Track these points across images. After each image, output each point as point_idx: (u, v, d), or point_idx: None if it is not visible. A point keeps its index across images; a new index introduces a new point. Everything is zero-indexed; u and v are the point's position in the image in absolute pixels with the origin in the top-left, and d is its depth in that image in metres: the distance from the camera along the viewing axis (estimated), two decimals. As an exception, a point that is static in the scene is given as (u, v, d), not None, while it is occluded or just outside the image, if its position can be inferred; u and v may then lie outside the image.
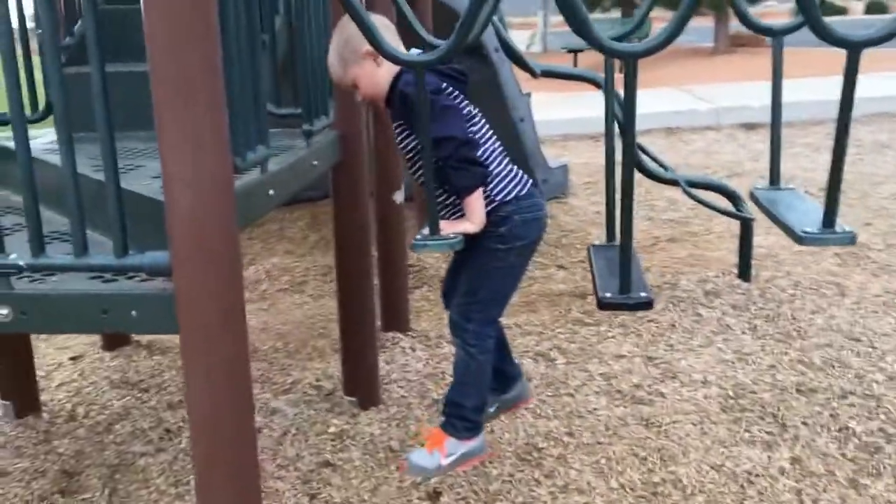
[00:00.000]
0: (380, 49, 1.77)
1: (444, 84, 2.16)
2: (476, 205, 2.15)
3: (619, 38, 2.40)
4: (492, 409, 2.61)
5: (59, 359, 3.61)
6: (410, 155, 2.30)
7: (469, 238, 2.25)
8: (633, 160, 1.82)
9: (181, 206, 1.47)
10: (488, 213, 2.20)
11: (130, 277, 1.70)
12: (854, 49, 1.56)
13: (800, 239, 1.89)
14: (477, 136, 2.23)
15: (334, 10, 2.46)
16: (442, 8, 4.55)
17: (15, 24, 2.46)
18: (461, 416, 2.40)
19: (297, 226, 5.57)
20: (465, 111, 2.22)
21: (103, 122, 1.51)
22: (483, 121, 2.30)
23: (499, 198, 2.22)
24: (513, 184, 2.26)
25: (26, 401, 3.04)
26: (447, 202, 2.26)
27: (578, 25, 1.62)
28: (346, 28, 2.18)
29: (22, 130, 1.53)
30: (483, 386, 2.40)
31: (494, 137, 2.30)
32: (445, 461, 2.39)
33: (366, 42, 2.06)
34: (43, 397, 3.18)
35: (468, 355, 2.36)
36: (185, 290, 1.51)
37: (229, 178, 1.52)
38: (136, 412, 3.07)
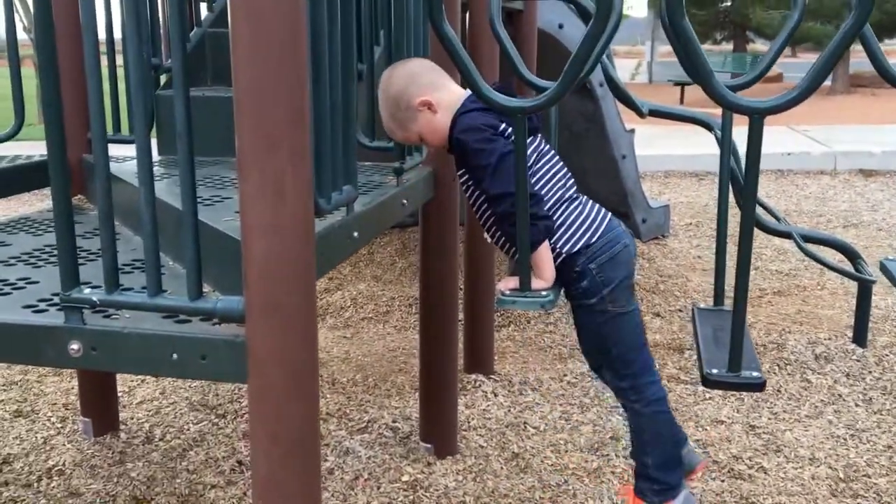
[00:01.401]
0: (478, 92, 1.65)
1: (504, 125, 1.95)
2: (544, 260, 1.97)
3: (743, 86, 2.21)
4: None
5: (142, 374, 3.62)
6: (476, 206, 2.15)
7: (565, 290, 2.10)
8: (752, 227, 1.63)
9: (257, 257, 1.37)
10: (561, 270, 2.04)
11: (204, 319, 1.62)
12: None
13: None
14: (543, 180, 2.05)
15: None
16: (547, 39, 4.43)
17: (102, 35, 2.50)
18: (647, 477, 2.21)
19: (386, 251, 5.52)
20: (532, 159, 2.04)
21: (185, 170, 1.43)
22: (552, 157, 2.10)
23: (565, 249, 2.03)
24: (580, 231, 2.05)
25: (105, 419, 3.04)
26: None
27: (702, 79, 1.46)
28: (391, 87, 2.03)
29: (103, 157, 1.47)
30: (661, 440, 2.19)
31: (563, 178, 2.10)
32: None
33: (417, 94, 2.00)
34: (123, 415, 3.19)
35: (633, 412, 2.20)
36: (256, 350, 1.41)
37: (310, 231, 1.42)
38: (211, 439, 3.03)
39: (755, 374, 1.76)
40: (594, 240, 2.05)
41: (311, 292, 1.45)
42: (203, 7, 3.34)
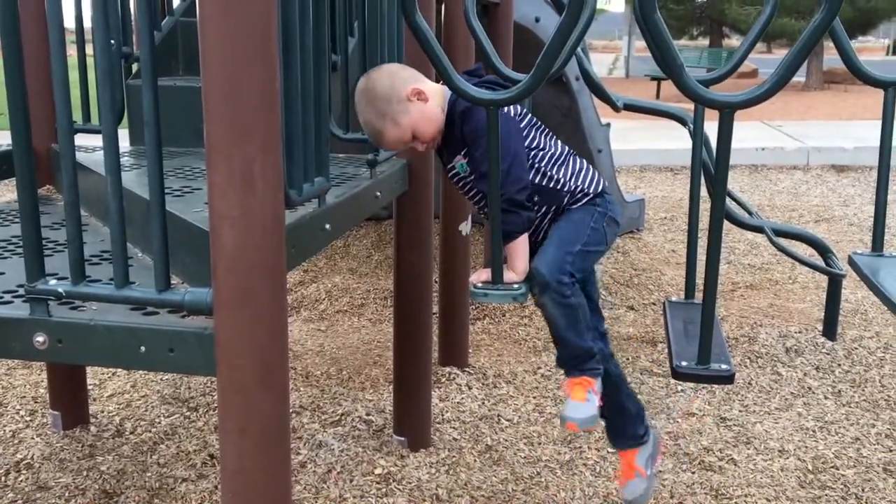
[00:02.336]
0: (451, 84, 1.65)
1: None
2: (519, 252, 1.95)
3: (715, 80, 2.22)
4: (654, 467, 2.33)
5: (110, 367, 3.58)
6: (468, 188, 2.13)
7: (560, 209, 2.07)
8: (722, 220, 1.64)
9: (226, 249, 1.36)
10: (589, 200, 2.05)
11: (173, 311, 1.60)
12: None
13: (908, 319, 1.68)
14: (549, 141, 2.08)
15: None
16: (524, 33, 4.43)
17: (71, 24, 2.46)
18: (590, 356, 2.07)
19: (361, 244, 5.50)
20: (524, 129, 2.05)
21: (153, 159, 1.41)
22: (545, 132, 2.11)
23: (592, 189, 2.07)
24: (598, 175, 2.13)
25: (75, 412, 3.01)
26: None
27: (673, 72, 1.46)
28: (376, 88, 1.97)
29: (70, 154, 1.45)
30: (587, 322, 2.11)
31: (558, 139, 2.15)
32: (598, 401, 2.07)
33: (405, 85, 1.96)
34: (93, 408, 3.15)
35: (569, 306, 2.02)
36: (225, 342, 1.40)
37: (280, 222, 1.41)
38: (182, 432, 3.00)
39: (724, 366, 1.78)
40: (606, 185, 2.14)
41: (281, 284, 1.44)
42: (175, -4, 3.30)
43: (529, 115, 2.11)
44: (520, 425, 3.06)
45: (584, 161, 2.14)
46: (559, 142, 2.12)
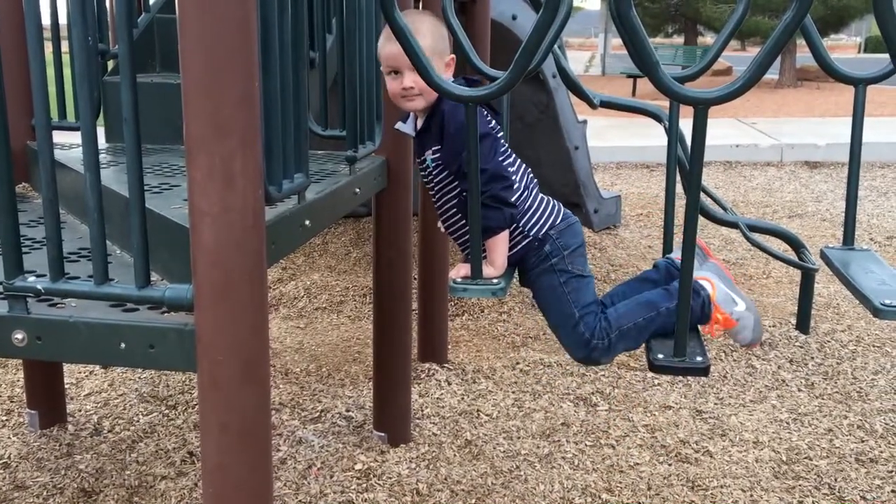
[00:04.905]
0: (428, 80, 1.66)
1: (485, 110, 1.99)
2: (499, 247, 1.98)
3: (690, 77, 2.25)
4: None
5: (90, 366, 3.56)
6: (439, 186, 2.14)
7: (523, 273, 2.10)
8: (697, 216, 1.67)
9: (206, 245, 1.36)
10: (528, 243, 2.07)
11: (153, 307, 1.60)
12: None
13: (877, 311, 1.71)
14: (514, 166, 2.08)
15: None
16: (501, 30, 4.45)
17: (46, 21, 2.44)
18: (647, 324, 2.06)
19: (340, 241, 5.50)
20: (501, 142, 2.09)
21: (132, 156, 1.41)
22: (514, 156, 2.15)
23: (532, 232, 2.07)
24: (547, 213, 2.11)
25: (52, 411, 2.99)
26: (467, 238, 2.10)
27: (649, 69, 1.49)
28: (442, 23, 2.06)
29: (48, 148, 1.45)
30: (644, 320, 2.08)
31: (529, 172, 2.15)
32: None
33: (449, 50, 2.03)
34: (70, 407, 3.13)
35: (610, 344, 2.08)
36: (206, 338, 1.40)
37: (260, 218, 1.42)
38: (161, 430, 2.99)
39: (700, 359, 1.81)
40: (558, 221, 2.12)
41: (262, 280, 1.45)
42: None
43: (505, 143, 2.14)
44: (499, 420, 3.09)
45: (543, 198, 2.12)
46: (528, 172, 2.14)
